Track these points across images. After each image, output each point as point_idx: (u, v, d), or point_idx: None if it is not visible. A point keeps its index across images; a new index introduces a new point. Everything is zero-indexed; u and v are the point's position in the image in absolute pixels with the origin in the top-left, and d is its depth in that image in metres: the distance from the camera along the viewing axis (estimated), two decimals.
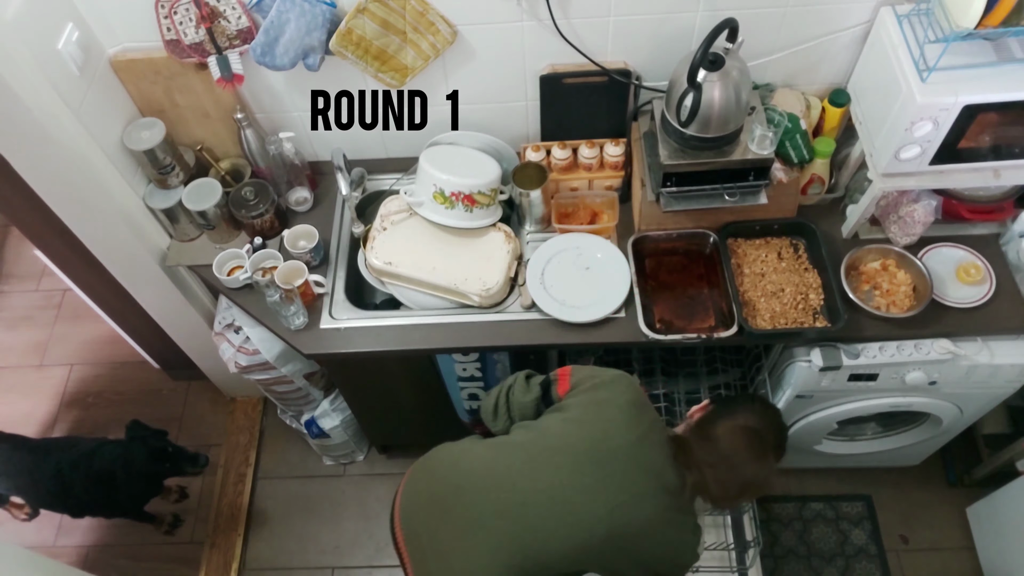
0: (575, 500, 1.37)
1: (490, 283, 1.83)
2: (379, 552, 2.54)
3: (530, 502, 1.38)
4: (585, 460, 1.40)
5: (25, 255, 3.30)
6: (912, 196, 1.82)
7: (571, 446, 1.42)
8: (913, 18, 1.61)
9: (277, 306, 1.81)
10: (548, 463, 1.41)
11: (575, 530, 1.36)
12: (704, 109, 1.58)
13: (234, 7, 1.68)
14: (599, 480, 1.38)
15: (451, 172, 1.81)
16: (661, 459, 1.41)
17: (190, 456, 2.22)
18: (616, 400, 1.47)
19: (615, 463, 1.39)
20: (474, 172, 1.85)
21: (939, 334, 1.80)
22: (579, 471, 1.39)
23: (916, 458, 2.47)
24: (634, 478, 1.39)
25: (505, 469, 1.44)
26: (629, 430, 1.43)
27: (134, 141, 1.85)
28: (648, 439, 1.43)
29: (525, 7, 1.71)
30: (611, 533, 1.36)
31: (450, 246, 1.89)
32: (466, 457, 1.52)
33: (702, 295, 1.91)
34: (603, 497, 1.37)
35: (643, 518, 1.37)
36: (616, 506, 1.36)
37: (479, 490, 1.43)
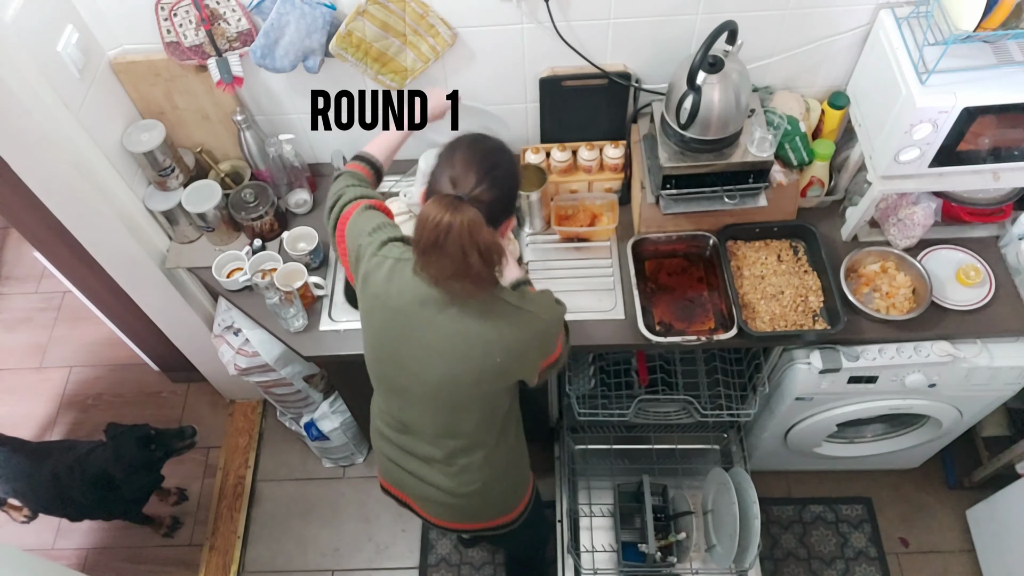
0: (404, 379, 1.44)
1: None
2: (379, 554, 2.54)
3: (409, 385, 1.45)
4: (384, 350, 1.45)
5: (25, 257, 3.30)
6: (911, 198, 1.82)
7: (378, 343, 1.46)
8: (912, 21, 1.61)
9: (277, 308, 1.81)
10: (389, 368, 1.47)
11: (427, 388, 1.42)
12: (704, 111, 1.58)
13: (234, 9, 1.68)
14: (398, 360, 1.42)
15: None
16: (420, 294, 1.34)
17: (175, 432, 2.21)
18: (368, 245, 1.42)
19: (396, 344, 1.40)
20: None
21: (939, 336, 1.80)
22: (391, 363, 1.45)
23: (916, 460, 2.47)
24: (416, 336, 1.36)
25: (383, 384, 1.55)
26: (388, 291, 1.38)
27: (134, 143, 1.85)
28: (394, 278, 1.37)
29: (525, 10, 1.71)
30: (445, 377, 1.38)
31: None
32: (376, 405, 1.67)
33: (702, 297, 1.91)
34: (411, 363, 1.40)
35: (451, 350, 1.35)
36: (428, 362, 1.37)
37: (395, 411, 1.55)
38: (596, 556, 2.19)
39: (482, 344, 1.34)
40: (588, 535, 2.23)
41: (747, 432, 2.32)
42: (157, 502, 2.62)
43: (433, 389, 1.41)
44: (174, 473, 2.70)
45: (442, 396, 1.42)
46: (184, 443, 2.22)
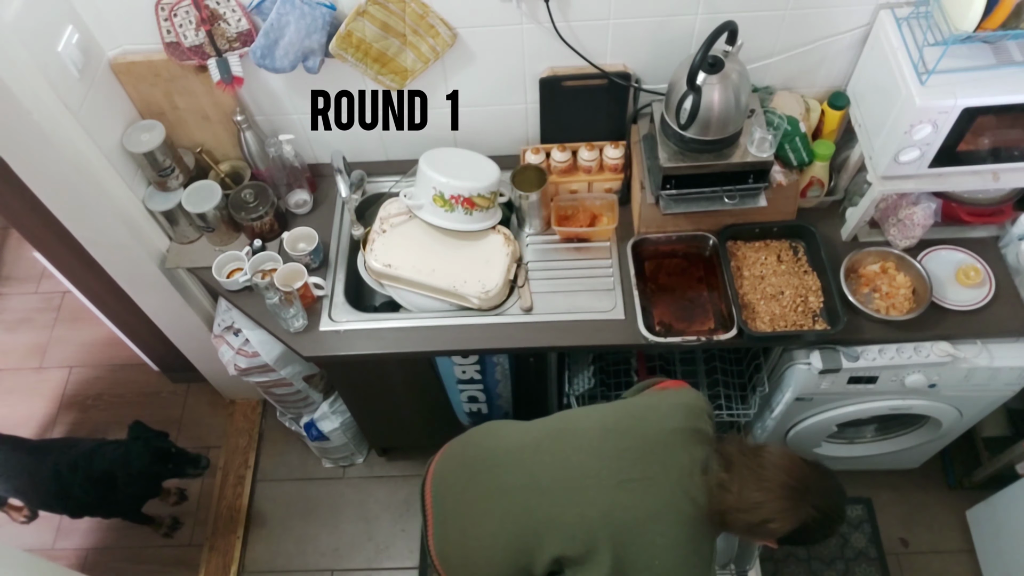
0: (587, 466, 1.34)
1: (489, 285, 1.83)
2: (379, 554, 2.54)
3: (546, 471, 1.38)
4: (602, 437, 1.38)
5: (24, 257, 3.30)
6: (911, 199, 1.82)
7: (592, 424, 1.42)
8: (912, 21, 1.61)
9: (276, 308, 1.81)
10: (575, 438, 1.41)
11: (578, 496, 1.32)
12: (703, 112, 1.58)
13: (234, 9, 1.68)
14: (614, 452, 1.34)
15: (451, 175, 1.81)
16: (692, 461, 1.31)
17: (192, 458, 2.21)
18: (670, 398, 1.45)
19: (638, 442, 1.34)
20: (474, 175, 1.85)
21: (938, 337, 1.80)
22: (600, 444, 1.37)
23: (916, 461, 2.47)
24: (652, 461, 1.31)
25: (533, 442, 1.45)
26: (666, 419, 1.37)
27: (134, 143, 1.85)
28: (685, 434, 1.35)
29: (525, 10, 1.71)
30: (610, 512, 1.29)
31: (449, 248, 1.89)
32: (503, 430, 1.54)
33: (701, 298, 1.91)
34: (615, 467, 1.32)
35: (651, 507, 1.28)
36: (623, 481, 1.30)
37: (506, 460, 1.44)
38: None
39: (642, 540, 1.28)
40: None
41: (747, 432, 2.32)
42: (157, 502, 2.62)
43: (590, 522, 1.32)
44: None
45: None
46: (195, 471, 2.22)
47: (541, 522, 1.34)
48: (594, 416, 1.46)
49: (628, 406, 1.47)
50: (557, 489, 1.35)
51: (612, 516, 1.30)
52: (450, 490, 1.50)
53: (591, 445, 1.38)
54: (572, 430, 1.44)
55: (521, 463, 1.42)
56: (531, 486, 1.38)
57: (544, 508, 1.35)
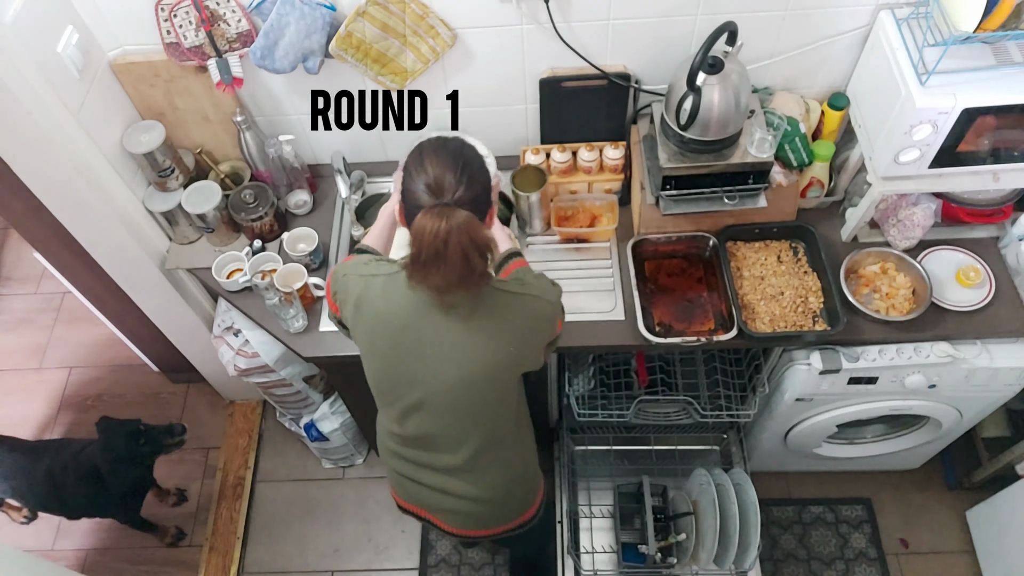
0: (415, 393, 1.43)
1: None
2: (378, 555, 2.54)
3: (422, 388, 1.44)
4: (387, 375, 1.46)
5: (24, 258, 3.30)
6: (911, 199, 1.82)
7: (382, 367, 1.47)
8: (912, 22, 1.62)
9: (276, 309, 1.81)
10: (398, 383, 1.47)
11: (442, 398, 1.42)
12: (703, 112, 1.58)
13: (234, 10, 1.68)
14: (407, 379, 1.42)
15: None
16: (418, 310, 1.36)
17: (164, 428, 2.21)
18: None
19: (408, 360, 1.41)
20: None
21: (938, 337, 1.80)
22: (401, 383, 1.45)
23: (916, 461, 2.47)
24: (429, 350, 1.37)
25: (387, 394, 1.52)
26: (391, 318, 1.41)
27: (134, 144, 1.85)
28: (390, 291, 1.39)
29: (525, 11, 1.71)
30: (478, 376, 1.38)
31: None
32: (384, 425, 1.62)
33: (701, 298, 1.91)
34: (421, 374, 1.39)
35: (469, 349, 1.35)
36: (439, 365, 1.37)
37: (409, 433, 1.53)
38: (596, 557, 2.19)
39: (493, 339, 1.35)
40: (588, 536, 2.23)
41: (747, 433, 2.32)
42: (157, 503, 2.62)
43: (449, 396, 1.41)
44: (174, 473, 2.71)
45: (459, 401, 1.42)
46: (173, 440, 2.22)
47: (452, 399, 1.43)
48: (374, 367, 1.52)
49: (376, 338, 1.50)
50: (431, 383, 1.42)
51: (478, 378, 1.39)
52: (411, 483, 1.63)
53: (403, 380, 1.46)
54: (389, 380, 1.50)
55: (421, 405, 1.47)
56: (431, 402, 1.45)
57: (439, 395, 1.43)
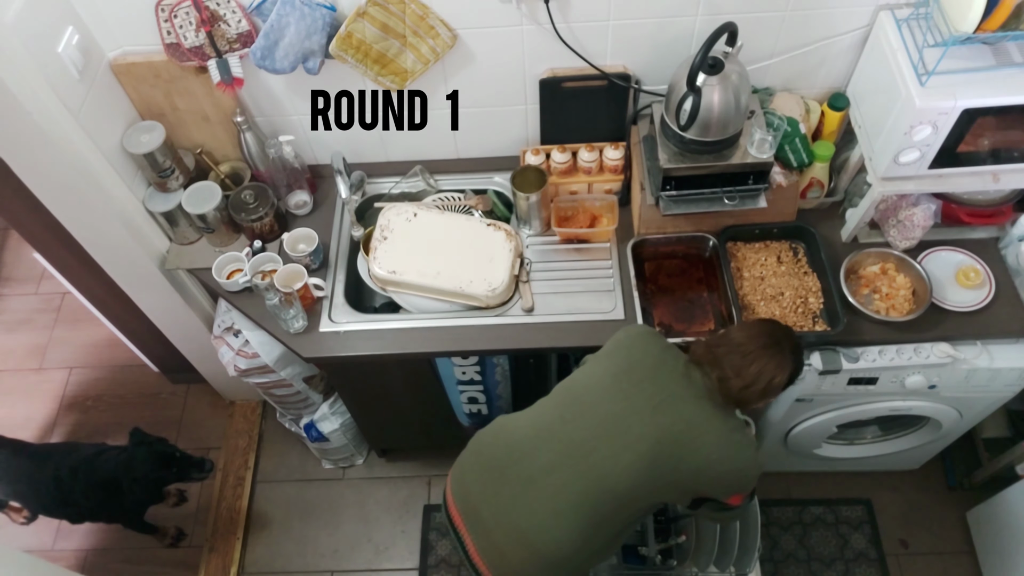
0: (617, 414, 1.44)
1: (496, 283, 1.83)
2: (378, 555, 2.54)
3: (576, 440, 1.45)
4: (615, 383, 1.48)
5: (24, 258, 3.30)
6: (911, 200, 1.82)
7: (599, 380, 1.51)
8: (912, 22, 1.62)
9: (276, 309, 1.81)
10: (583, 402, 1.50)
11: (627, 441, 1.42)
12: (703, 113, 1.58)
13: (234, 11, 1.68)
14: (633, 389, 1.45)
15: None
16: (684, 365, 1.48)
17: (196, 462, 2.21)
18: (630, 331, 1.58)
19: (644, 372, 1.47)
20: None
21: (938, 338, 1.80)
22: (613, 393, 1.47)
23: (916, 462, 2.47)
24: (665, 381, 1.45)
25: (547, 423, 1.51)
26: (650, 345, 1.52)
27: (134, 144, 1.85)
28: (670, 349, 1.52)
29: (525, 11, 1.72)
30: (660, 436, 1.41)
31: (452, 249, 1.88)
32: (510, 424, 1.59)
33: (701, 298, 1.91)
34: (641, 401, 1.43)
35: (686, 416, 1.42)
36: (656, 406, 1.42)
37: (532, 445, 1.50)
38: None
39: (694, 444, 1.41)
40: None
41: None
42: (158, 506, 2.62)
43: (613, 462, 1.43)
44: None
45: (599, 474, 1.43)
46: (200, 475, 2.22)
47: (602, 478, 1.43)
48: (595, 371, 1.55)
49: (611, 353, 1.56)
50: (601, 442, 1.44)
51: (663, 438, 1.42)
52: (481, 499, 1.52)
53: (610, 392, 1.48)
54: (584, 388, 1.53)
55: (551, 439, 1.48)
56: (573, 453, 1.45)
57: (597, 464, 1.43)
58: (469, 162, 2.10)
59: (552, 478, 1.44)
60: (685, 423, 1.42)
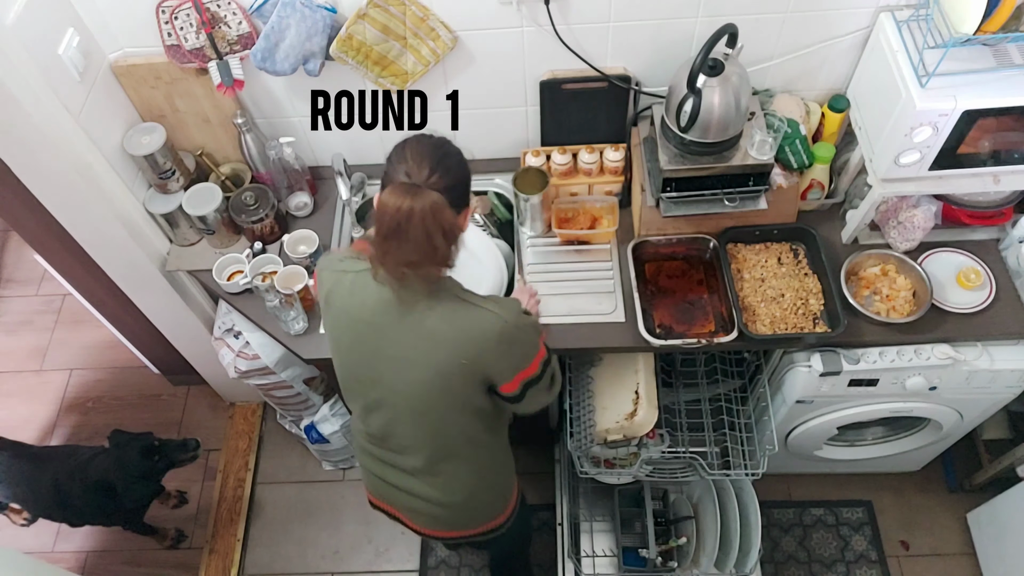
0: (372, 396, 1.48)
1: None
2: (378, 557, 2.54)
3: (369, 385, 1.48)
4: (350, 370, 1.50)
5: (25, 260, 3.30)
6: (912, 201, 1.82)
7: (347, 360, 1.51)
8: (912, 24, 1.62)
9: (277, 311, 1.81)
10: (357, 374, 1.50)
11: (404, 377, 1.42)
12: (704, 114, 1.58)
13: (235, 12, 1.68)
14: (365, 375, 1.46)
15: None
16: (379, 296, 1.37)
17: (179, 444, 2.21)
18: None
19: (368, 359, 1.44)
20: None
21: (939, 339, 1.80)
22: (360, 379, 1.49)
23: (916, 463, 2.47)
24: (387, 354, 1.39)
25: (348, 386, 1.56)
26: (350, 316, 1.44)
27: (134, 146, 1.85)
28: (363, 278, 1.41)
29: (525, 13, 1.72)
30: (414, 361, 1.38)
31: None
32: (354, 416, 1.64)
33: (702, 300, 1.91)
34: (376, 375, 1.43)
35: (415, 335, 1.36)
36: (395, 368, 1.40)
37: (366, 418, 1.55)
38: (596, 561, 2.18)
39: (444, 346, 1.35)
40: (588, 539, 2.23)
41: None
42: (157, 505, 2.61)
43: (407, 398, 1.42)
44: (174, 476, 2.68)
45: (417, 404, 1.43)
46: (187, 455, 2.22)
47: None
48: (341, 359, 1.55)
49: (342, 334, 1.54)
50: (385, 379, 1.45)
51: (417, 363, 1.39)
52: (379, 483, 1.66)
53: (359, 378, 1.50)
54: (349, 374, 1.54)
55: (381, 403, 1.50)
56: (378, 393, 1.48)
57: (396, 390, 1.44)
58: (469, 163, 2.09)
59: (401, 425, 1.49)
60: (424, 339, 1.35)
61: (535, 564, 2.43)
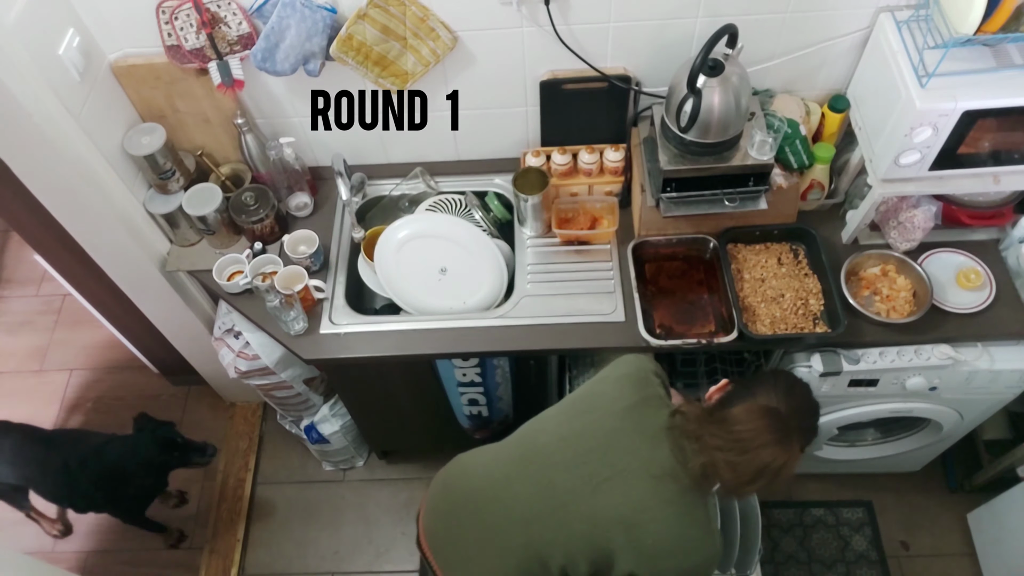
0: (559, 483, 1.35)
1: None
2: (379, 557, 2.53)
3: (524, 502, 1.38)
4: (568, 443, 1.38)
5: (25, 260, 3.30)
6: (912, 202, 1.82)
7: (559, 434, 1.42)
8: (912, 24, 1.62)
9: (277, 311, 1.81)
10: (539, 457, 1.41)
11: (562, 514, 1.33)
12: (704, 115, 1.58)
13: (235, 13, 1.68)
14: (581, 458, 1.34)
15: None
16: (655, 432, 1.32)
17: (198, 447, 2.21)
18: (610, 375, 1.45)
19: (597, 439, 1.34)
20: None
21: (939, 339, 1.80)
22: (563, 456, 1.37)
23: (917, 464, 2.47)
24: (616, 453, 1.32)
25: (503, 476, 1.44)
26: (615, 402, 1.38)
27: (135, 146, 1.85)
28: (640, 412, 1.36)
29: (525, 13, 1.72)
30: (596, 516, 1.30)
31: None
32: (472, 467, 1.54)
33: (702, 300, 1.91)
34: (584, 474, 1.32)
35: (633, 499, 1.28)
36: (597, 484, 1.30)
37: (484, 500, 1.44)
38: None
39: (636, 532, 1.28)
40: None
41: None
42: (157, 504, 2.61)
43: (576, 536, 1.32)
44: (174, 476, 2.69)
45: (546, 527, 1.34)
46: (203, 459, 2.22)
47: (538, 550, 1.35)
48: (549, 427, 1.47)
49: (578, 402, 1.47)
50: (540, 515, 1.36)
51: (599, 521, 1.30)
52: (445, 541, 1.51)
53: (555, 460, 1.38)
54: (534, 449, 1.45)
55: (498, 499, 1.42)
56: (516, 519, 1.38)
57: (536, 537, 1.35)
58: (470, 164, 2.10)
59: (499, 538, 1.39)
60: (631, 507, 1.28)
61: None
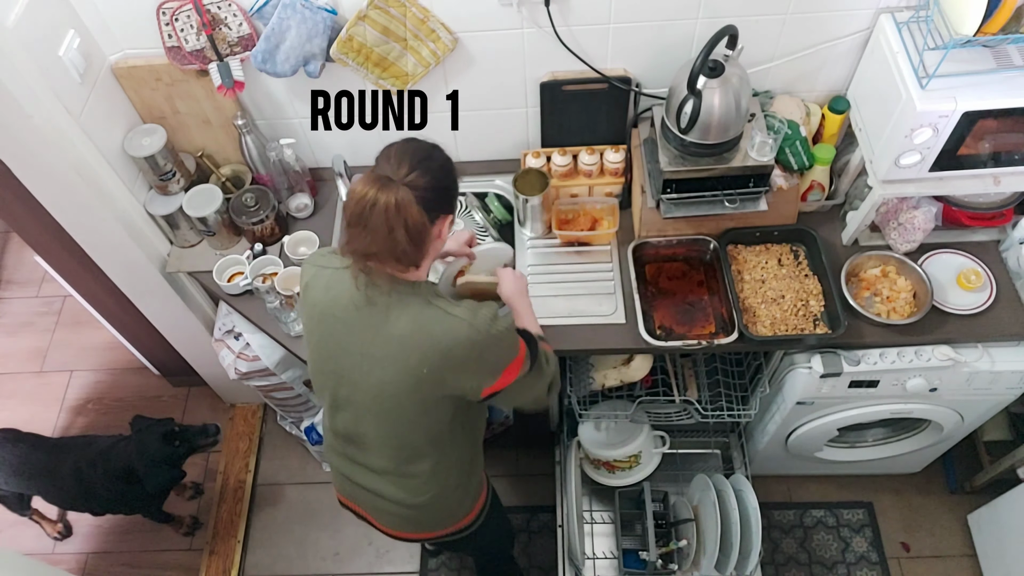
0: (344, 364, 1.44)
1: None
2: (379, 559, 2.53)
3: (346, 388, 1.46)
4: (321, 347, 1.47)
5: (25, 261, 3.30)
6: (912, 203, 1.82)
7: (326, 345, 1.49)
8: (912, 25, 1.62)
9: (277, 312, 1.81)
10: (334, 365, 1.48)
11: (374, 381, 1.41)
12: (704, 116, 1.58)
13: (235, 14, 1.68)
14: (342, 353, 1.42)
15: None
16: (358, 303, 1.37)
17: (199, 429, 2.21)
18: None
19: (342, 337, 1.41)
20: None
21: (940, 341, 1.80)
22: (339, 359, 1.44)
23: (917, 465, 2.47)
24: (359, 337, 1.38)
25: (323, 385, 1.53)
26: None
27: (135, 147, 1.85)
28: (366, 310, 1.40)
29: (525, 15, 1.72)
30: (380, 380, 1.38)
31: None
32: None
33: (702, 301, 1.91)
34: (355, 352, 1.39)
35: (384, 334, 1.34)
36: (363, 353, 1.38)
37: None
38: (597, 563, 2.18)
39: (415, 349, 1.33)
40: (589, 542, 2.23)
41: (748, 437, 2.32)
42: (172, 496, 2.62)
43: (374, 398, 1.41)
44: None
45: (384, 405, 1.41)
46: (208, 440, 2.22)
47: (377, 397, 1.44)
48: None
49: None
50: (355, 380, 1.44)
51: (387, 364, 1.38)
52: (350, 482, 1.63)
53: (339, 365, 1.46)
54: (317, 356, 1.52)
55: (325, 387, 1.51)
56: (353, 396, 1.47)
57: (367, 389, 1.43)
58: (470, 165, 2.10)
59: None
60: (391, 340, 1.34)
61: (534, 567, 2.43)
